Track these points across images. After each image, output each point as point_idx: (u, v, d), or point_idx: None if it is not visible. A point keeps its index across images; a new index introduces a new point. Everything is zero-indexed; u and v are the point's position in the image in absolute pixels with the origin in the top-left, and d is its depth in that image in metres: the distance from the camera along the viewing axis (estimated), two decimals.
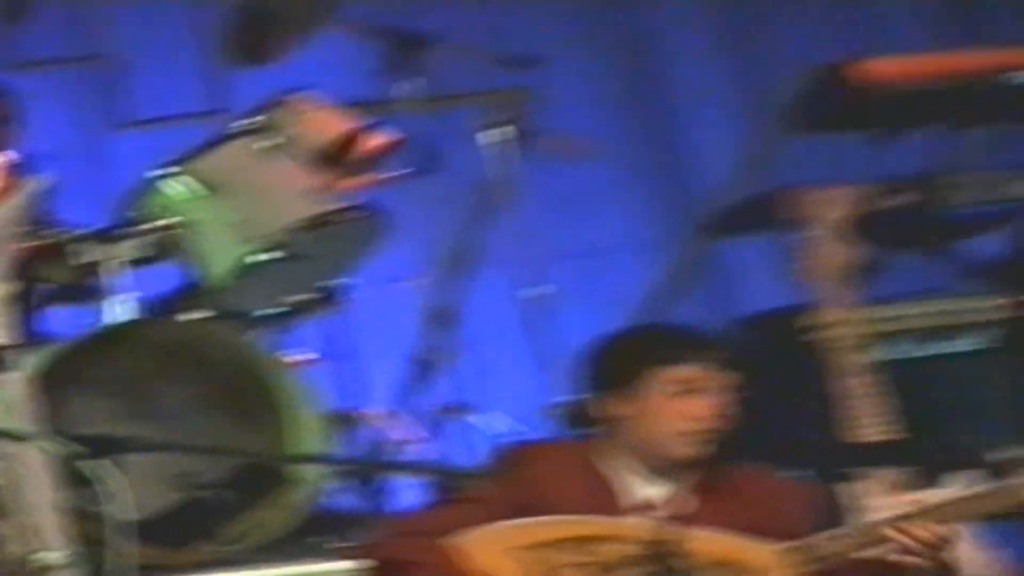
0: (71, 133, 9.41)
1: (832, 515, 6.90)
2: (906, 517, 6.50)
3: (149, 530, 7.09)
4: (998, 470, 7.05)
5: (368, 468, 8.58)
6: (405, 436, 8.77)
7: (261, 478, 7.96)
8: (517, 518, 6.53)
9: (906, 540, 6.50)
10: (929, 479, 7.19)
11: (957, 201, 8.68)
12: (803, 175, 8.59)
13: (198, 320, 8.29)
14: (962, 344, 8.49)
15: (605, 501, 6.64)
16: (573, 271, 9.63)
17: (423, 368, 8.98)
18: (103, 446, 6.55)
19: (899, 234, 8.54)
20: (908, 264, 8.71)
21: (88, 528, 6.96)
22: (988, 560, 7.25)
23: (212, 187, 8.20)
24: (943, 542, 6.52)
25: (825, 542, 6.45)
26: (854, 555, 6.54)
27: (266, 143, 8.11)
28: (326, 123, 8.22)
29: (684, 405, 6.57)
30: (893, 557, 6.46)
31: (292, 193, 8.15)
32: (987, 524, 6.82)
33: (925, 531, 6.50)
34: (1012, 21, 10.74)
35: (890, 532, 6.54)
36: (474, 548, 6.51)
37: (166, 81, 9.14)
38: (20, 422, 7.21)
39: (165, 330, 8.35)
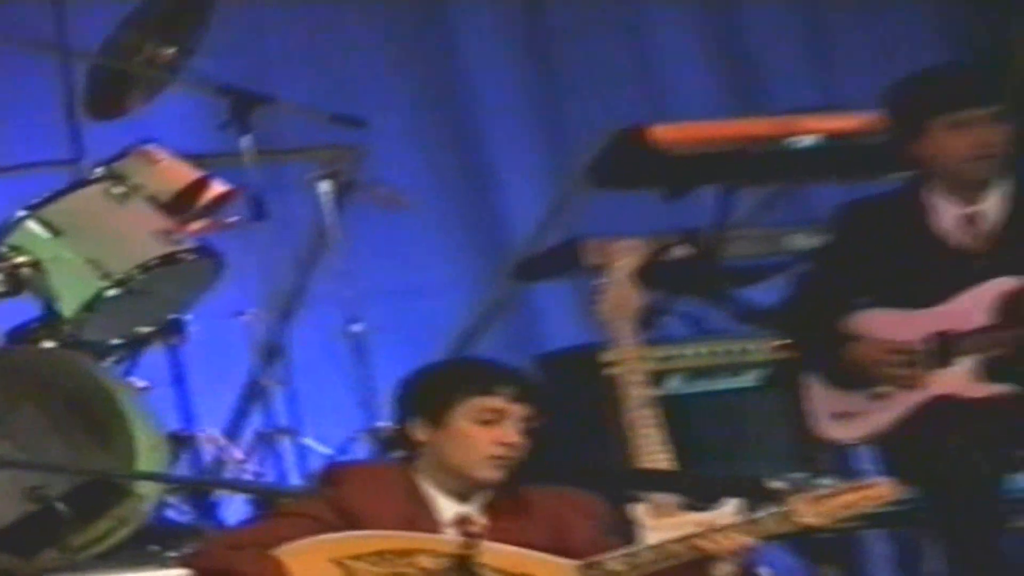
0: None
1: (622, 534, 6.86)
2: (693, 536, 6.55)
3: (2, 539, 7.54)
4: (775, 496, 6.92)
5: (201, 485, 8.53)
6: (235, 457, 8.73)
7: (105, 492, 7.83)
8: (338, 532, 6.60)
9: (713, 548, 6.50)
10: (706, 503, 7.13)
11: (736, 253, 8.78)
12: (600, 227, 8.60)
13: (50, 348, 8.20)
14: (736, 381, 8.51)
15: (421, 517, 6.59)
16: (393, 309, 9.55)
17: (253, 395, 8.96)
18: None
19: (683, 282, 8.57)
20: (690, 308, 8.72)
21: None
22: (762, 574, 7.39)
23: (65, 229, 8.13)
24: (745, 551, 6.68)
25: (619, 559, 6.47)
26: (649, 570, 6.54)
27: (118, 190, 8.08)
28: (173, 173, 8.19)
29: (489, 432, 6.56)
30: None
31: (141, 235, 8.10)
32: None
33: (731, 542, 6.66)
34: (791, 91, 10.66)
35: (698, 543, 6.55)
36: (296, 559, 6.43)
37: (26, 131, 8.89)
38: None
39: (18, 357, 8.30)
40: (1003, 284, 7.39)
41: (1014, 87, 9.02)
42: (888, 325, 7.54)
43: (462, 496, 6.56)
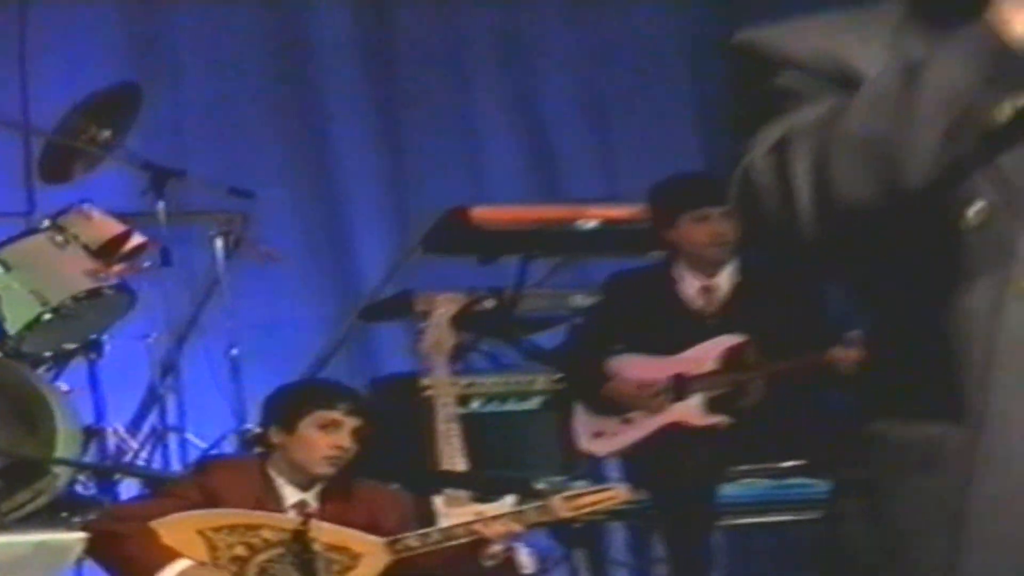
0: None
1: (423, 519, 7.15)
2: (473, 522, 6.90)
3: None
4: (540, 494, 7.17)
5: (104, 469, 8.42)
6: (133, 447, 8.69)
7: (29, 471, 7.95)
8: (203, 509, 6.85)
9: (488, 532, 6.81)
10: (490, 498, 7.33)
11: (529, 307, 8.71)
12: (428, 282, 8.55)
13: None
14: (523, 405, 8.48)
15: (269, 500, 6.91)
16: (264, 339, 9.48)
17: (151, 400, 8.93)
18: None
19: (487, 327, 8.62)
20: (491, 348, 8.80)
21: None
22: (523, 553, 7.38)
23: (16, 265, 8.17)
24: (511, 536, 6.88)
25: (416, 537, 6.82)
26: (438, 547, 6.86)
27: (59, 238, 8.15)
28: (102, 227, 8.28)
29: (327, 438, 6.88)
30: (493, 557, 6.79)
31: (75, 273, 8.19)
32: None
33: (502, 528, 6.84)
34: (581, 182, 10.51)
35: (477, 527, 6.87)
36: (168, 528, 6.73)
37: None
38: None
39: None
40: (728, 340, 7.66)
41: None
42: (639, 367, 7.78)
43: (303, 486, 6.88)
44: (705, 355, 7.66)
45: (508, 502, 7.11)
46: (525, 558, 7.34)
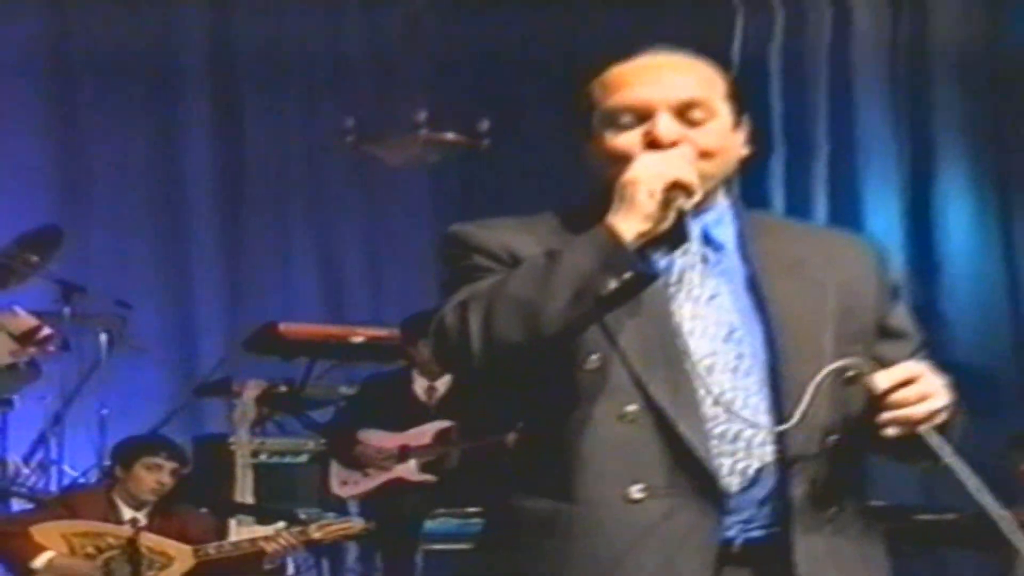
0: None
1: (221, 535, 7.15)
2: (256, 539, 6.97)
3: None
4: (302, 522, 7.22)
5: (2, 491, 8.28)
6: (25, 473, 8.55)
7: None
8: (68, 520, 6.90)
9: (266, 547, 6.91)
10: (268, 522, 7.34)
11: (312, 394, 8.63)
12: (246, 371, 8.42)
13: None
14: (297, 459, 8.47)
15: (113, 517, 6.95)
16: (125, 403, 8.92)
17: (42, 440, 8.70)
18: None
19: (281, 405, 8.50)
20: (283, 419, 8.65)
21: None
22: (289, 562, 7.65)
23: None
24: (284, 551, 6.97)
25: (214, 547, 6.88)
26: (230, 555, 6.94)
27: None
28: (24, 321, 8.03)
29: (152, 475, 7.01)
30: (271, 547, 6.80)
31: (2, 352, 7.96)
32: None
33: (277, 544, 6.89)
34: (362, 307, 10.24)
35: (259, 542, 6.96)
36: (40, 532, 6.76)
37: None
38: None
39: None
40: (440, 424, 7.69)
41: None
42: (377, 438, 7.78)
43: (135, 507, 6.98)
44: (423, 434, 7.76)
45: (280, 526, 7.18)
46: (290, 565, 7.54)
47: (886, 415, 2.45)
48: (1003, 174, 8.96)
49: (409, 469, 7.73)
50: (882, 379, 2.44)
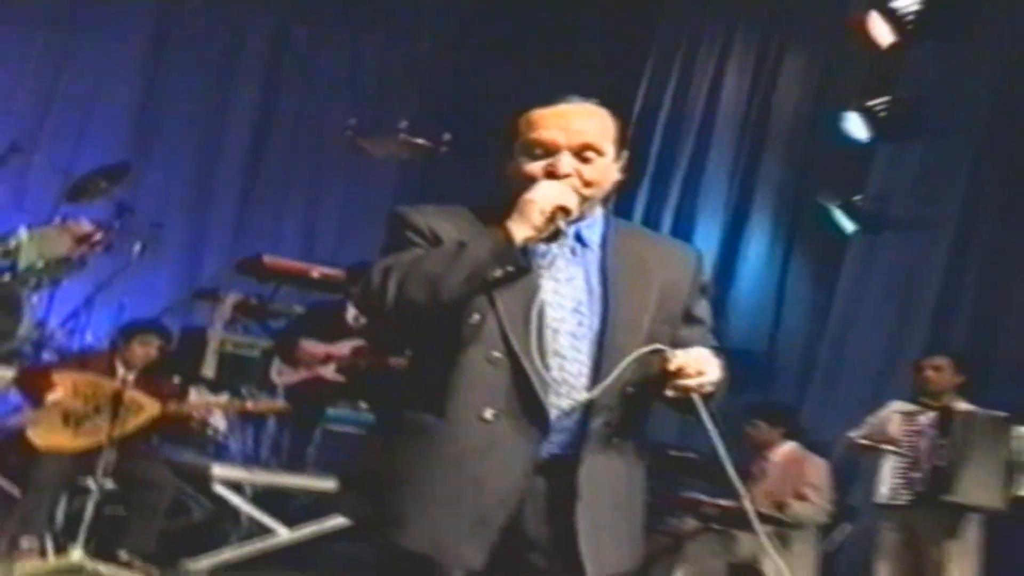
0: None
1: (183, 398, 7.29)
2: (206, 403, 7.31)
3: None
4: (243, 397, 7.52)
5: (38, 342, 8.31)
6: (59, 336, 8.62)
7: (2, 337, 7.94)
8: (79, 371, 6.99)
9: (201, 410, 7.19)
10: (218, 393, 7.74)
11: (276, 310, 8.85)
12: (234, 287, 8.97)
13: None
14: (253, 353, 8.51)
15: (111, 374, 7.01)
16: (144, 296, 9.22)
17: (74, 315, 8.73)
18: None
19: (252, 315, 8.83)
20: (250, 325, 8.85)
21: None
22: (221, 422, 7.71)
23: (36, 236, 8.24)
24: (228, 411, 7.28)
25: (175, 405, 6.98)
26: (181, 411, 7.05)
27: (62, 228, 8.33)
28: (83, 227, 8.35)
29: (142, 349, 7.13)
30: None
31: (63, 247, 8.28)
32: None
33: (223, 406, 7.22)
34: (332, 251, 10.24)
35: (204, 404, 7.26)
36: (58, 376, 6.98)
37: None
38: None
39: None
40: (358, 342, 7.67)
41: None
42: (313, 346, 7.86)
43: (128, 370, 7.06)
44: (344, 347, 7.84)
45: (225, 398, 7.65)
46: (222, 424, 7.82)
47: (672, 382, 2.73)
48: (791, 226, 9.65)
49: (328, 370, 7.87)
50: (676, 358, 2.73)
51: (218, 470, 7.60)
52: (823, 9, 9.37)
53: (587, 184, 2.82)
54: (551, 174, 2.78)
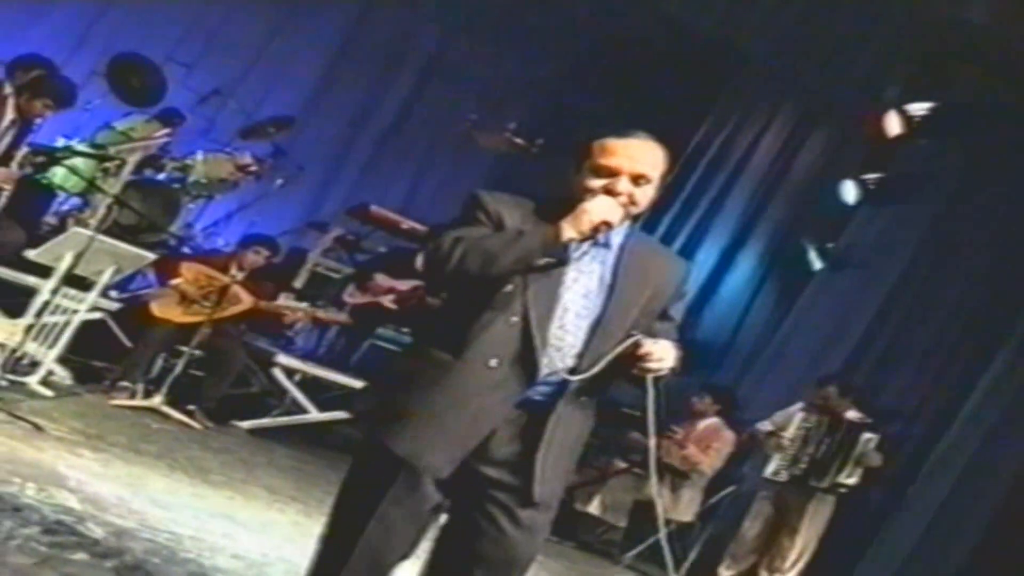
0: None
1: (273, 298, 7.64)
2: (289, 306, 7.62)
3: None
4: (323, 308, 7.98)
5: (180, 237, 8.65)
6: (200, 238, 9.07)
7: (153, 230, 8.30)
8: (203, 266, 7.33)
9: (294, 315, 7.56)
10: (303, 303, 7.95)
11: (364, 247, 9.41)
12: (339, 226, 9.47)
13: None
14: (338, 275, 8.96)
15: (224, 271, 7.45)
16: (292, 220, 9.88)
17: (216, 224, 9.31)
18: None
19: (345, 246, 9.35)
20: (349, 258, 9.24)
21: None
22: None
23: (206, 160, 8.91)
24: (308, 317, 7.55)
25: (265, 303, 7.41)
26: (273, 310, 7.47)
27: (230, 157, 8.97)
28: (245, 160, 8.97)
29: (254, 256, 7.68)
30: None
31: (226, 171, 8.95)
32: None
33: (304, 313, 7.49)
34: (426, 209, 10.56)
35: (291, 309, 7.52)
36: (184, 266, 7.56)
37: None
38: None
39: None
40: (416, 282, 8.20)
41: None
42: (382, 279, 8.43)
43: (239, 270, 7.61)
44: (405, 284, 8.50)
45: (304, 304, 8.21)
46: (297, 324, 8.14)
47: (638, 364, 2.91)
48: (774, 256, 10.62)
49: (387, 300, 8.57)
50: (645, 345, 2.91)
51: (281, 358, 8.21)
52: (851, 102, 10.31)
53: (634, 204, 3.00)
54: (609, 192, 2.94)
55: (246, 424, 7.74)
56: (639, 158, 2.97)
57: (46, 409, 6.08)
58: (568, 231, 2.85)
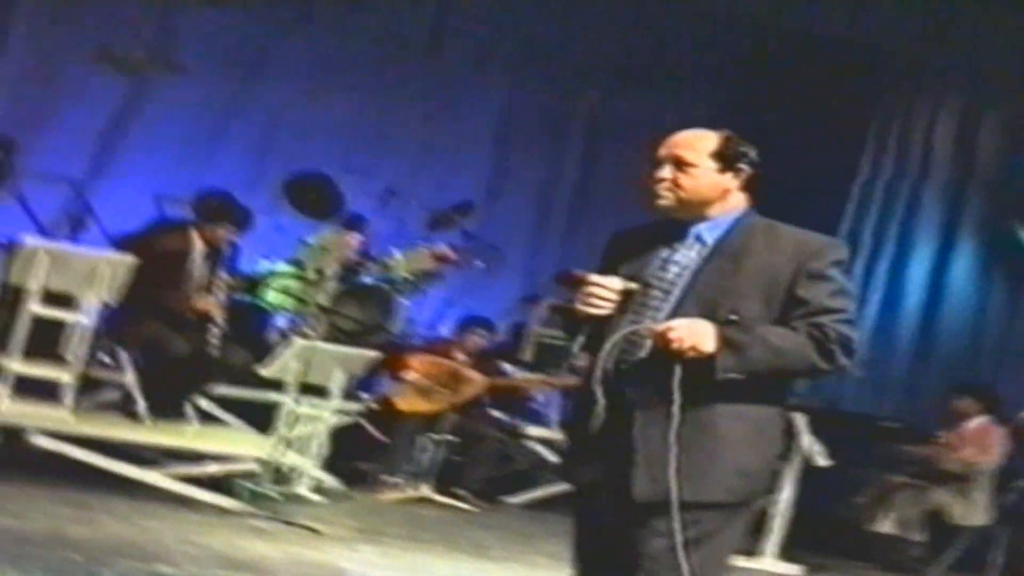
0: None
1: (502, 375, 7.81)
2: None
3: None
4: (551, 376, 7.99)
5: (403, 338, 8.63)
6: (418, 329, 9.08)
7: (371, 333, 8.33)
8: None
9: (540, 386, 7.87)
10: None
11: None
12: (552, 295, 8.84)
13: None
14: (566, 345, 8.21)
15: (449, 358, 7.64)
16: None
17: (437, 315, 9.40)
18: None
19: (564, 316, 7.22)
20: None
21: None
22: None
23: (407, 256, 8.83)
24: None
25: (501, 381, 7.56)
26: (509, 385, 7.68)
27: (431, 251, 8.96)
28: (441, 251, 9.00)
29: (476, 340, 7.91)
30: None
31: (423, 263, 8.93)
32: None
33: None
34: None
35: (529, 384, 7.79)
36: (415, 359, 7.68)
37: None
38: None
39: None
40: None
41: None
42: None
43: (471, 362, 7.73)
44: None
45: (536, 376, 8.10)
46: (538, 396, 8.19)
47: (666, 347, 2.92)
48: (990, 246, 10.39)
49: None
50: (667, 325, 2.93)
51: (532, 429, 8.30)
52: (1016, 73, 9.94)
53: (679, 187, 3.02)
54: (649, 179, 3.06)
55: (516, 499, 7.80)
56: (675, 143, 3.04)
57: (320, 514, 6.21)
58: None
